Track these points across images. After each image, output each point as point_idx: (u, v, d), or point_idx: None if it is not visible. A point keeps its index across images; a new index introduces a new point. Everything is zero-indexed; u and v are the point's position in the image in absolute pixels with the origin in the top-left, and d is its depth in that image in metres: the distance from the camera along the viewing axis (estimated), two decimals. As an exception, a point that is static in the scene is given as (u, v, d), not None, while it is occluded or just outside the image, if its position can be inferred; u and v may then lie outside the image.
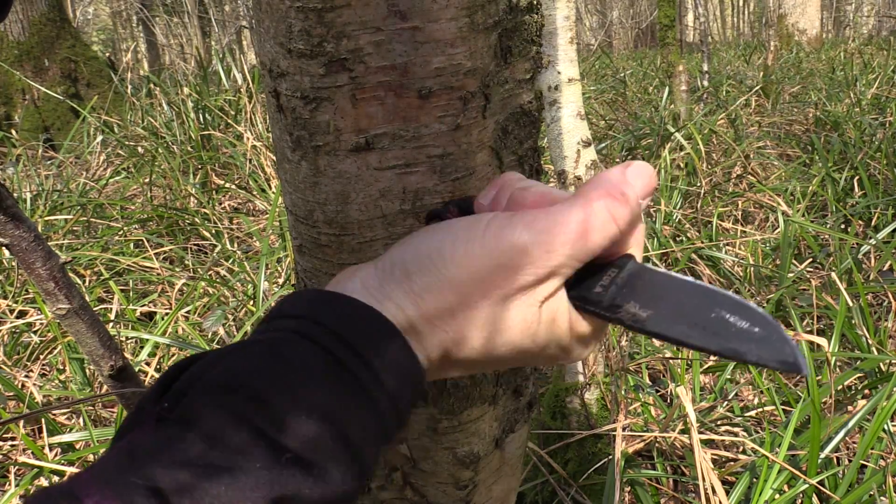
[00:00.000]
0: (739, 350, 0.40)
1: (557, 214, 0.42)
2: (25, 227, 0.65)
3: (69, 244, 2.71)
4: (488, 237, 0.42)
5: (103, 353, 0.73)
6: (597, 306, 0.44)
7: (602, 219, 0.42)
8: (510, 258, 0.42)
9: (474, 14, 0.49)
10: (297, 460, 0.35)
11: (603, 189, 0.43)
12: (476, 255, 0.42)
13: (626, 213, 0.43)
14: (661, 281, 0.44)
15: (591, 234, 0.42)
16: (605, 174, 0.45)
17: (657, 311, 0.42)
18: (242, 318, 2.12)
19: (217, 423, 0.35)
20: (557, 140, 1.51)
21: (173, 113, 3.95)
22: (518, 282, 0.42)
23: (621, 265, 0.45)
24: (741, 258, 2.54)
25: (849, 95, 4.64)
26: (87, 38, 12.79)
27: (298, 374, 0.37)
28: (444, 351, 0.43)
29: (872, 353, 1.78)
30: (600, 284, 0.44)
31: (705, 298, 0.42)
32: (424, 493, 0.65)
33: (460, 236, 0.43)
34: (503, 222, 0.43)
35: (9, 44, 5.32)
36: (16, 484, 1.50)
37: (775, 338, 0.40)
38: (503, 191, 0.49)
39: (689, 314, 0.42)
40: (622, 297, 0.43)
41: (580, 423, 1.53)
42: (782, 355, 0.39)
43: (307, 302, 0.42)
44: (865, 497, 1.30)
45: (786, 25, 9.98)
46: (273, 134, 0.56)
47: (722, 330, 0.41)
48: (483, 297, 0.42)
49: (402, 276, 0.43)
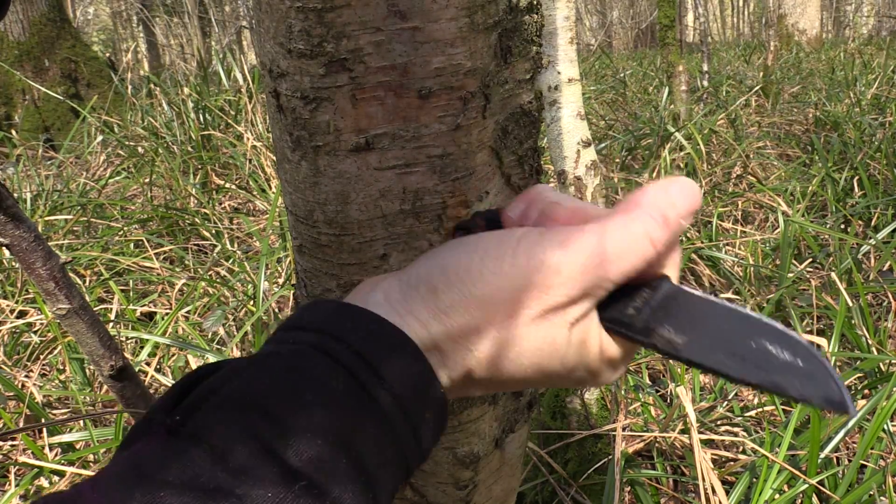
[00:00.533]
0: (781, 384, 0.38)
1: (592, 234, 0.41)
2: (25, 227, 0.65)
3: (69, 244, 2.71)
4: (519, 255, 0.40)
5: (103, 353, 0.73)
6: (629, 329, 0.42)
7: (640, 241, 0.40)
8: (541, 277, 0.40)
9: (474, 14, 0.49)
10: (310, 488, 0.33)
11: (643, 209, 0.41)
12: (506, 273, 0.40)
13: (666, 236, 0.41)
14: (699, 305, 0.42)
15: (628, 256, 0.40)
16: (645, 192, 0.42)
17: (693, 337, 0.40)
18: (242, 318, 2.12)
19: (229, 443, 0.33)
20: (557, 140, 1.51)
21: (173, 113, 3.95)
22: (549, 302, 0.40)
23: (656, 287, 0.42)
24: (741, 258, 2.54)
25: (849, 95, 4.64)
26: (87, 38, 12.79)
27: (317, 395, 0.35)
28: (467, 370, 0.41)
29: (872, 353, 1.78)
30: (633, 307, 0.42)
31: (746, 326, 0.40)
32: (424, 493, 0.65)
33: (490, 253, 0.41)
34: (535, 239, 0.41)
35: (9, 44, 5.32)
36: (16, 484, 1.50)
37: (820, 373, 0.38)
38: (533, 204, 0.47)
39: (727, 342, 0.39)
40: (656, 320, 0.41)
41: (580, 423, 1.53)
42: (828, 393, 0.37)
43: (329, 315, 0.40)
44: (865, 497, 1.30)
45: (786, 25, 9.98)
46: (273, 134, 0.56)
47: (762, 361, 0.38)
48: (511, 316, 0.40)
49: (427, 291, 0.41)
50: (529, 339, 0.41)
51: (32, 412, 1.71)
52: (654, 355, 1.93)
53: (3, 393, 1.71)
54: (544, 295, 0.40)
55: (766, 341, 0.39)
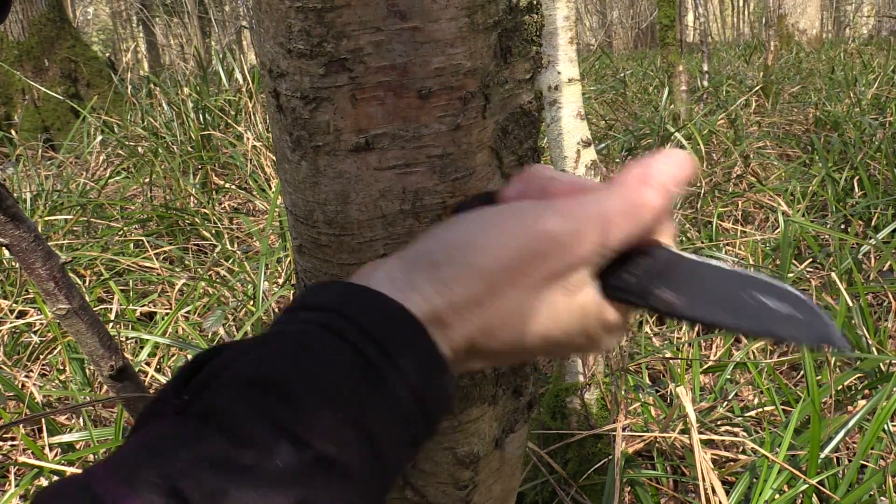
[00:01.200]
0: (775, 331, 0.40)
1: (590, 203, 0.42)
2: (25, 228, 0.65)
3: (69, 244, 2.71)
4: (519, 225, 0.42)
5: (103, 353, 0.73)
6: (628, 294, 0.44)
7: (636, 207, 0.42)
8: (541, 246, 0.41)
9: (474, 14, 0.49)
10: (321, 460, 0.33)
11: (636, 178, 0.43)
12: (506, 243, 0.41)
13: (660, 202, 0.43)
14: (693, 267, 0.44)
15: (624, 223, 0.42)
16: (640, 163, 0.44)
17: (690, 296, 0.42)
18: (242, 318, 2.12)
19: (240, 419, 0.33)
20: (557, 140, 1.51)
21: (173, 113, 3.95)
22: (549, 270, 0.41)
23: (651, 252, 0.44)
24: (741, 258, 2.54)
25: (849, 95, 4.64)
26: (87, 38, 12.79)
27: (325, 370, 0.36)
28: (470, 342, 0.42)
29: (872, 353, 1.78)
30: (631, 272, 0.44)
31: (738, 282, 0.42)
32: (424, 493, 0.65)
33: (490, 224, 0.42)
34: (534, 209, 0.42)
35: (9, 44, 5.32)
36: (16, 484, 1.50)
37: (811, 316, 0.40)
38: (531, 182, 0.49)
39: (722, 298, 0.42)
40: (653, 283, 0.43)
41: (580, 423, 1.53)
42: (818, 332, 0.39)
43: (334, 294, 0.40)
44: (865, 497, 1.30)
45: (786, 25, 9.98)
46: (273, 134, 0.56)
47: (756, 312, 0.41)
48: (512, 285, 0.41)
49: (428, 266, 0.41)
50: (531, 307, 0.42)
51: (32, 412, 1.71)
52: (654, 355, 1.93)
53: (3, 393, 1.71)
54: (544, 263, 0.41)
55: (759, 293, 0.41)
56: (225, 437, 0.33)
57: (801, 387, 1.86)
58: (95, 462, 0.34)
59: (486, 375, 0.61)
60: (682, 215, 2.90)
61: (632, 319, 0.48)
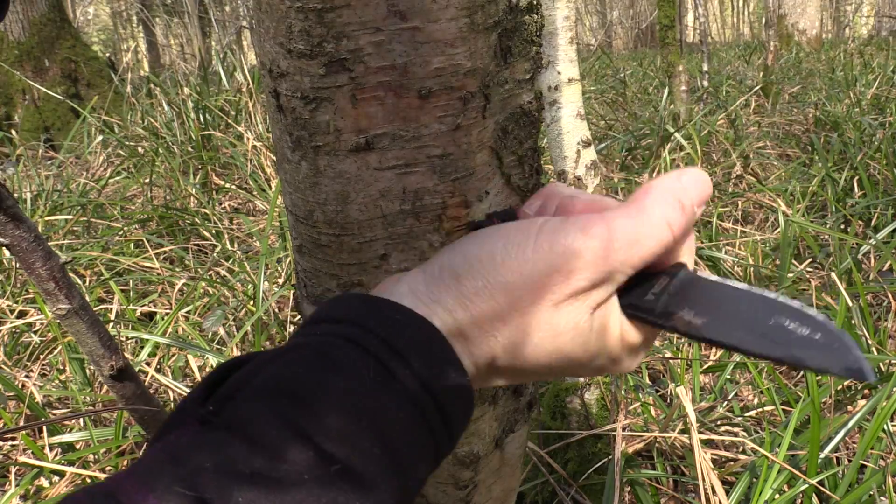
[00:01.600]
0: (801, 357, 0.39)
1: (612, 220, 0.42)
2: (26, 228, 0.65)
3: (69, 244, 2.71)
4: (541, 241, 0.41)
5: (103, 353, 0.73)
6: (649, 314, 0.43)
7: (658, 226, 0.42)
8: (564, 262, 0.41)
9: (474, 14, 0.49)
10: (345, 472, 0.33)
11: (659, 196, 0.43)
12: (529, 258, 0.41)
13: (682, 221, 0.43)
14: (716, 289, 0.43)
15: (647, 241, 0.41)
16: (660, 181, 0.44)
17: (712, 317, 0.41)
18: (242, 318, 2.12)
19: (265, 429, 0.33)
20: (557, 140, 1.51)
21: (173, 113, 3.95)
22: (571, 287, 0.41)
23: (673, 273, 0.44)
24: (741, 258, 2.54)
25: (848, 96, 4.64)
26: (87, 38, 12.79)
27: (349, 383, 0.36)
28: (492, 357, 0.42)
29: (872, 353, 1.78)
30: (652, 292, 0.43)
31: (763, 305, 0.41)
32: (424, 493, 0.65)
33: (512, 239, 0.42)
34: (557, 226, 0.42)
35: (9, 44, 5.32)
36: (16, 484, 1.50)
37: (838, 345, 0.39)
38: (550, 200, 0.49)
39: (746, 321, 0.41)
40: (675, 304, 0.42)
41: (580, 423, 1.53)
42: (847, 362, 0.38)
43: (356, 307, 0.41)
44: (865, 497, 1.30)
45: (786, 25, 9.98)
46: (273, 134, 0.56)
47: (781, 337, 0.40)
48: (534, 301, 0.41)
49: (451, 279, 0.42)
50: (553, 324, 0.41)
51: (32, 412, 1.71)
52: (654, 355, 1.93)
53: (3, 393, 1.71)
54: (567, 280, 0.41)
55: (784, 318, 0.40)
56: (250, 447, 0.33)
57: (801, 387, 1.86)
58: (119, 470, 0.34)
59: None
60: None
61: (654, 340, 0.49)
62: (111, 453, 1.57)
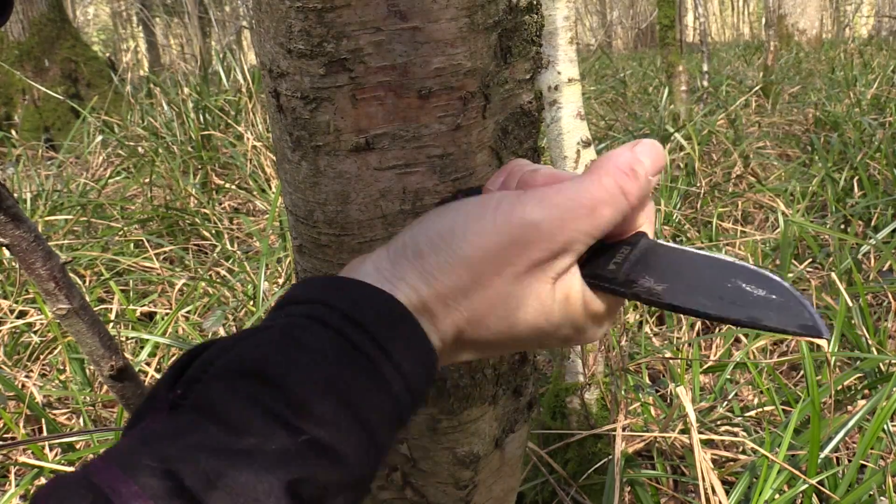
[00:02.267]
0: (758, 317, 0.40)
1: (568, 190, 0.43)
2: (26, 228, 0.65)
3: (69, 244, 2.71)
4: (500, 214, 0.42)
5: (103, 353, 0.73)
6: (611, 283, 0.44)
7: (613, 193, 0.43)
8: (522, 234, 0.42)
9: (474, 14, 0.49)
10: (313, 442, 0.34)
11: (612, 165, 0.44)
12: (488, 231, 0.42)
13: (637, 188, 0.44)
14: (676, 255, 0.44)
15: (603, 209, 0.42)
16: (614, 152, 0.45)
17: (673, 284, 0.42)
18: (242, 318, 2.12)
19: (232, 408, 0.34)
20: (557, 140, 1.51)
21: (173, 113, 3.95)
22: (531, 258, 0.42)
23: (634, 242, 0.45)
24: (741, 258, 2.54)
25: (848, 95, 4.63)
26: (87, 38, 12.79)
27: (312, 357, 0.37)
28: (458, 331, 0.43)
29: (872, 353, 1.78)
30: (613, 262, 0.44)
31: (721, 270, 0.42)
32: (424, 493, 0.65)
33: (472, 214, 0.43)
34: (514, 199, 0.43)
35: (9, 44, 5.32)
36: (16, 484, 1.50)
37: (794, 304, 0.40)
38: (512, 175, 0.49)
39: (705, 286, 0.42)
40: (636, 272, 0.43)
41: (580, 423, 1.53)
42: (801, 320, 0.39)
43: (319, 287, 0.42)
44: (865, 497, 1.30)
45: (786, 25, 9.98)
46: (273, 134, 0.56)
47: (739, 299, 0.41)
48: (496, 274, 0.42)
49: (413, 256, 0.42)
50: (515, 296, 0.42)
51: (33, 412, 1.71)
52: (654, 355, 1.93)
53: (4, 393, 1.71)
54: (526, 251, 0.42)
55: (741, 281, 0.42)
56: (219, 425, 0.34)
57: (801, 387, 1.86)
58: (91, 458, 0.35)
59: (486, 376, 0.61)
60: (682, 215, 2.90)
61: (619, 309, 0.50)
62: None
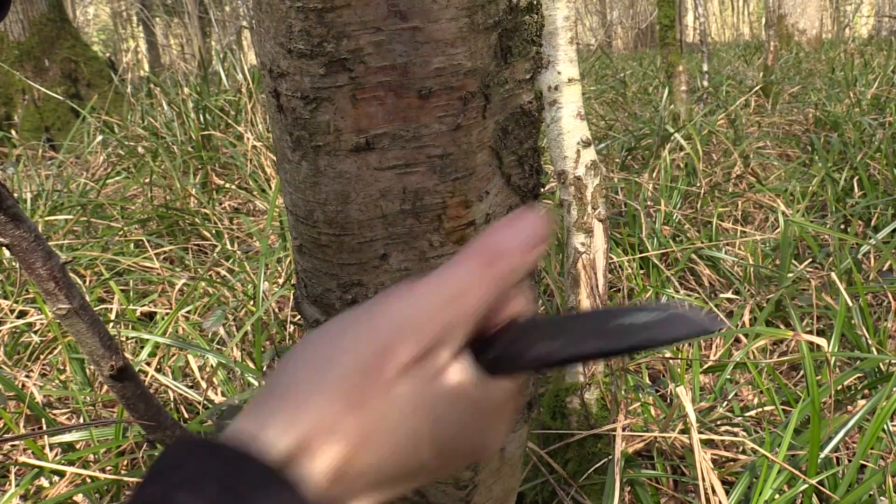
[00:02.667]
0: (650, 337, 0.41)
1: (433, 279, 0.41)
2: (26, 228, 0.66)
3: (69, 244, 2.71)
4: (360, 325, 0.40)
5: (104, 353, 0.73)
6: (505, 363, 0.43)
7: (474, 282, 0.41)
8: (387, 338, 0.39)
9: (474, 14, 0.49)
10: None
11: (480, 246, 0.42)
12: (348, 348, 0.39)
13: (500, 273, 0.42)
14: (554, 321, 0.46)
15: (466, 298, 0.41)
16: (483, 236, 0.43)
17: (562, 341, 0.43)
18: (242, 318, 2.12)
19: None
20: (557, 140, 1.51)
21: (173, 113, 3.95)
22: (397, 361, 0.38)
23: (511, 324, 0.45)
24: (741, 258, 2.54)
25: (848, 96, 4.64)
26: (87, 38, 12.79)
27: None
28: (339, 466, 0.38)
29: (872, 353, 1.78)
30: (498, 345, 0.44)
31: (602, 316, 0.44)
32: (424, 493, 0.65)
33: (332, 334, 0.40)
34: (372, 307, 0.41)
35: (9, 44, 5.32)
36: (16, 484, 1.50)
37: (677, 315, 0.41)
38: None
39: (594, 333, 0.43)
40: (524, 345, 0.43)
41: (580, 423, 1.53)
42: (689, 326, 0.41)
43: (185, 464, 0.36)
44: (865, 497, 1.30)
45: (786, 25, 9.98)
46: (273, 134, 0.56)
47: (628, 331, 0.42)
48: (364, 391, 0.38)
49: (280, 395, 0.39)
50: (394, 408, 0.39)
51: (33, 412, 1.71)
52: (653, 355, 1.93)
53: (4, 393, 1.71)
54: (392, 356, 0.39)
55: (625, 318, 0.43)
56: None
57: (801, 387, 1.86)
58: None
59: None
60: (682, 215, 2.90)
61: (520, 394, 0.48)
62: (111, 453, 1.57)
